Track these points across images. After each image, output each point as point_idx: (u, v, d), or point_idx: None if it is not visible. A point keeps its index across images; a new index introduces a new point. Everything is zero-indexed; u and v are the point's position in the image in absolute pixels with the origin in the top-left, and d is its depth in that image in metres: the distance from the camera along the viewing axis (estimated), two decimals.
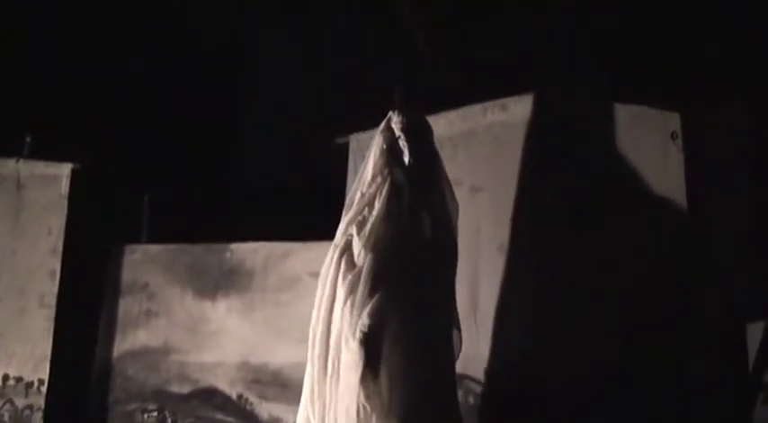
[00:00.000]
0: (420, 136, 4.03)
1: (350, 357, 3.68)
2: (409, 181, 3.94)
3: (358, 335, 3.66)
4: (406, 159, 3.96)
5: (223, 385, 5.54)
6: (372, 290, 3.73)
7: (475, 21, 5.30)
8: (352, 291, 3.77)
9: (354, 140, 5.30)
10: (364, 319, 3.68)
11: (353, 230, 3.90)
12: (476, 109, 4.72)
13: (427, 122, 4.13)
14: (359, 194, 3.99)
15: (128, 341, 5.75)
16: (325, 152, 5.43)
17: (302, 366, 5.34)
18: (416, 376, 3.69)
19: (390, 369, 3.65)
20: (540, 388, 4.12)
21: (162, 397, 5.62)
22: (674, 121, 4.05)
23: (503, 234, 4.39)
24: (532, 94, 4.54)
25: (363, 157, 5.17)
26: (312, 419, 3.88)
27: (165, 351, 5.69)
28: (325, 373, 3.83)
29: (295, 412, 5.28)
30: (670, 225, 4.01)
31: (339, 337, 3.80)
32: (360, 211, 3.93)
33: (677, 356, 3.87)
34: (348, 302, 3.76)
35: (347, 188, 5.24)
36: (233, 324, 5.60)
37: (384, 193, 3.90)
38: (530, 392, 4.14)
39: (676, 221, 4.00)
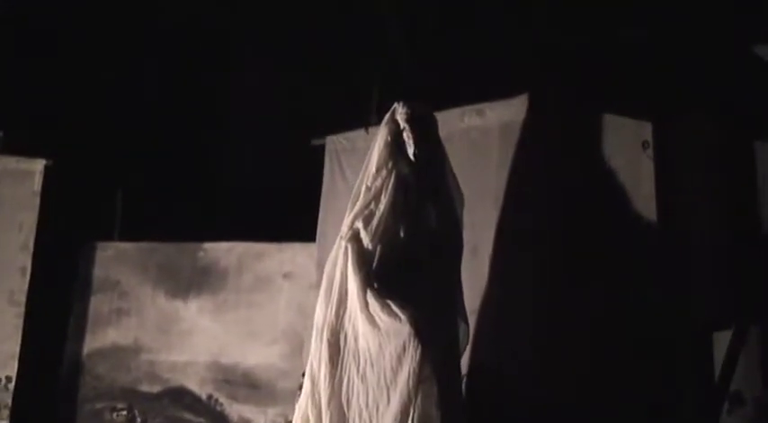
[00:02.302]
0: (425, 127, 4.03)
1: (397, 346, 3.62)
2: (414, 173, 3.96)
3: (411, 321, 3.62)
4: (411, 151, 3.96)
5: (193, 385, 5.52)
6: (393, 282, 3.75)
7: (452, 26, 5.32)
8: (368, 284, 3.76)
9: (331, 142, 5.31)
10: (407, 308, 3.66)
11: (360, 224, 3.89)
12: (453, 113, 4.73)
13: (432, 114, 4.13)
14: (364, 188, 3.98)
15: (98, 339, 5.71)
16: (302, 153, 5.43)
17: (273, 367, 5.41)
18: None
19: None
20: (513, 389, 4.14)
21: (131, 396, 5.59)
22: (646, 130, 4.08)
23: (476, 237, 4.40)
24: (509, 99, 4.57)
25: (339, 158, 5.23)
26: (313, 416, 3.81)
27: (136, 350, 5.66)
28: (337, 364, 3.79)
29: (264, 413, 5.35)
30: (640, 233, 4.04)
31: (356, 329, 3.78)
32: (366, 205, 3.92)
33: (645, 364, 3.89)
34: (370, 295, 3.74)
35: (323, 189, 5.26)
36: (204, 324, 5.58)
37: (390, 186, 3.90)
38: (502, 394, 4.16)
39: (646, 230, 4.02)
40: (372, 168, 3.99)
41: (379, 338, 3.69)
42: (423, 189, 3.98)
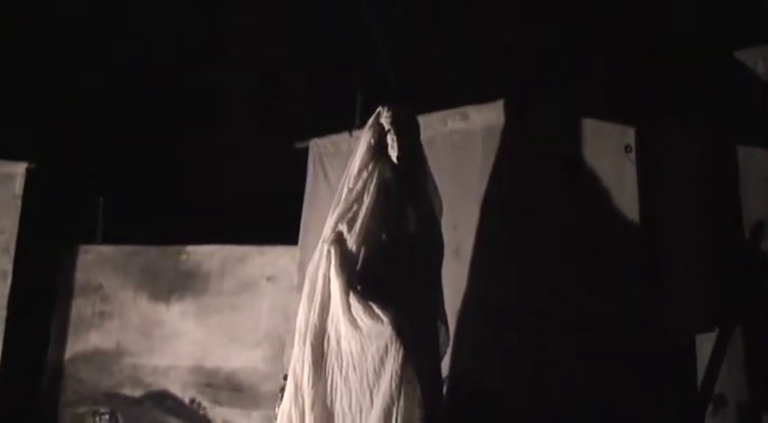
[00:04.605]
0: (408, 130, 4.03)
1: (379, 348, 3.61)
2: (396, 177, 3.97)
3: (392, 323, 3.61)
4: (394, 154, 3.97)
5: (176, 389, 5.50)
6: (375, 284, 3.75)
7: (436, 29, 5.32)
8: (350, 286, 3.76)
9: (314, 145, 5.30)
10: (389, 310, 3.65)
11: (344, 228, 3.89)
12: (436, 117, 4.73)
13: (416, 118, 4.14)
14: (346, 190, 3.98)
15: (80, 343, 5.69)
16: (285, 156, 5.42)
17: (256, 371, 5.40)
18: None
19: None
20: (493, 394, 4.15)
21: (113, 400, 5.57)
22: (629, 134, 4.10)
23: (459, 239, 4.41)
24: (492, 103, 4.57)
25: (323, 161, 5.22)
26: (297, 420, 3.81)
27: (118, 353, 5.63)
28: (321, 368, 3.79)
29: (248, 417, 5.33)
30: (623, 236, 4.06)
31: (339, 331, 3.77)
32: (349, 207, 3.91)
33: (627, 367, 3.90)
34: (352, 297, 3.74)
35: (306, 192, 5.25)
36: (187, 327, 5.56)
37: (372, 188, 3.91)
38: (482, 398, 4.17)
39: (628, 233, 4.04)
40: (354, 170, 4.00)
41: (362, 340, 3.69)
42: (404, 193, 3.99)
